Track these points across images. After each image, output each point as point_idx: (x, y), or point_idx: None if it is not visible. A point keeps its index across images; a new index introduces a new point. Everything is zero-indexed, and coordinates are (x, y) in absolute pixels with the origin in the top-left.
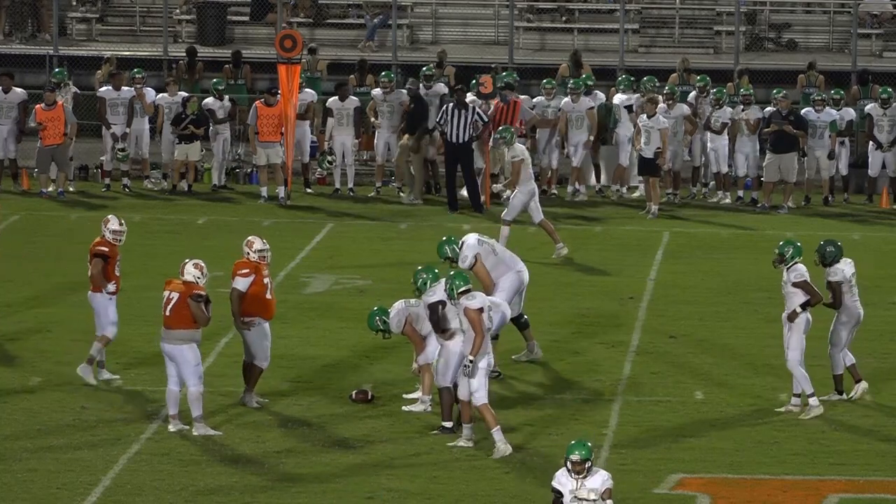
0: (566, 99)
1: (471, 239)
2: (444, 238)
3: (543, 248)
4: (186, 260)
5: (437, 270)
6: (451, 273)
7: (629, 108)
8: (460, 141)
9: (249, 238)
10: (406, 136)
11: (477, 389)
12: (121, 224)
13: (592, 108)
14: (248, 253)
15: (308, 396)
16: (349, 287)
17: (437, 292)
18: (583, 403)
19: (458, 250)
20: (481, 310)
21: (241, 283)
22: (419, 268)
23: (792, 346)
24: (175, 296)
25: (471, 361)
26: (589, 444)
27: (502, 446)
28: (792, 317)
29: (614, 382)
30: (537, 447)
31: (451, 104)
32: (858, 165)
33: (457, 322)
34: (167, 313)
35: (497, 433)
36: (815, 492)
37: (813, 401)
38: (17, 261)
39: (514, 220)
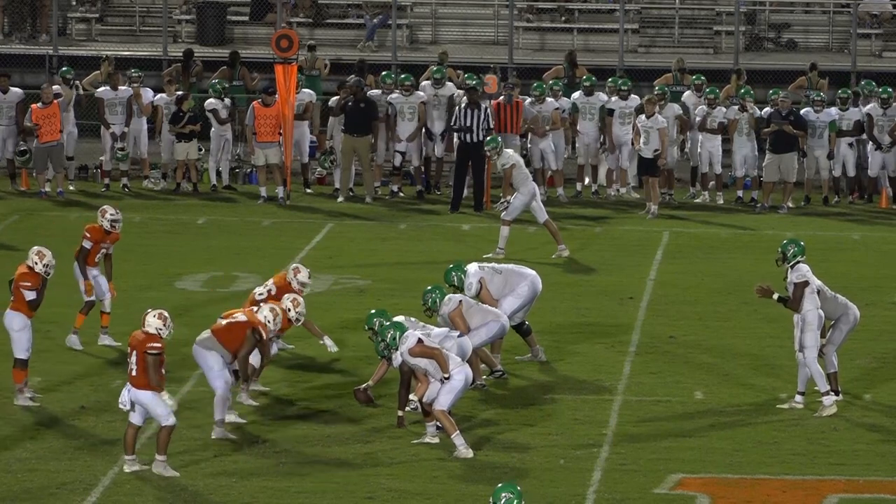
0: (577, 94)
1: (472, 267)
2: (452, 265)
3: (544, 249)
4: (263, 304)
5: (444, 289)
6: (387, 324)
7: (611, 111)
8: (475, 140)
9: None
10: (343, 135)
11: (436, 399)
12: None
13: (558, 109)
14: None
15: (308, 396)
16: (349, 287)
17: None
18: (583, 403)
19: (463, 279)
20: (420, 340)
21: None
22: (427, 287)
23: (808, 345)
24: (242, 317)
25: (446, 378)
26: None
27: (463, 450)
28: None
29: (614, 382)
30: (537, 447)
31: (463, 104)
32: (857, 166)
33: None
34: (222, 322)
35: (457, 438)
36: (815, 492)
37: (827, 399)
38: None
39: (515, 220)
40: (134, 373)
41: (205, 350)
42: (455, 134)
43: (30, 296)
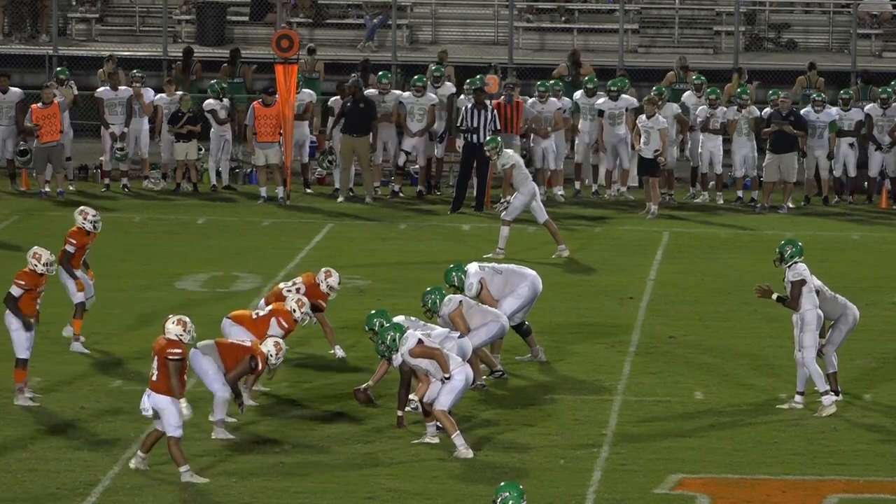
0: (578, 94)
1: (473, 267)
2: (452, 265)
3: (543, 249)
4: (268, 341)
5: (443, 290)
6: (387, 325)
7: (601, 111)
8: (481, 141)
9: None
10: (342, 135)
11: (437, 399)
12: None
13: (560, 109)
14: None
15: (308, 397)
16: (349, 287)
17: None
18: (583, 403)
19: (463, 279)
20: (420, 341)
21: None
22: (427, 289)
23: (806, 345)
24: (248, 343)
25: (447, 378)
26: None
27: (463, 451)
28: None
29: (614, 382)
30: (537, 447)
31: (469, 105)
32: (858, 166)
33: (456, 350)
34: (228, 340)
35: (457, 438)
36: (814, 492)
37: (826, 399)
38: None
39: (515, 220)
40: (154, 377)
41: (202, 355)
42: (462, 134)
43: (15, 291)
